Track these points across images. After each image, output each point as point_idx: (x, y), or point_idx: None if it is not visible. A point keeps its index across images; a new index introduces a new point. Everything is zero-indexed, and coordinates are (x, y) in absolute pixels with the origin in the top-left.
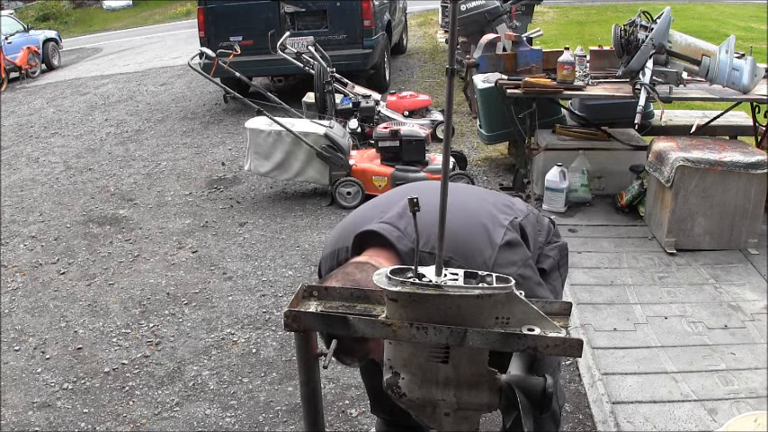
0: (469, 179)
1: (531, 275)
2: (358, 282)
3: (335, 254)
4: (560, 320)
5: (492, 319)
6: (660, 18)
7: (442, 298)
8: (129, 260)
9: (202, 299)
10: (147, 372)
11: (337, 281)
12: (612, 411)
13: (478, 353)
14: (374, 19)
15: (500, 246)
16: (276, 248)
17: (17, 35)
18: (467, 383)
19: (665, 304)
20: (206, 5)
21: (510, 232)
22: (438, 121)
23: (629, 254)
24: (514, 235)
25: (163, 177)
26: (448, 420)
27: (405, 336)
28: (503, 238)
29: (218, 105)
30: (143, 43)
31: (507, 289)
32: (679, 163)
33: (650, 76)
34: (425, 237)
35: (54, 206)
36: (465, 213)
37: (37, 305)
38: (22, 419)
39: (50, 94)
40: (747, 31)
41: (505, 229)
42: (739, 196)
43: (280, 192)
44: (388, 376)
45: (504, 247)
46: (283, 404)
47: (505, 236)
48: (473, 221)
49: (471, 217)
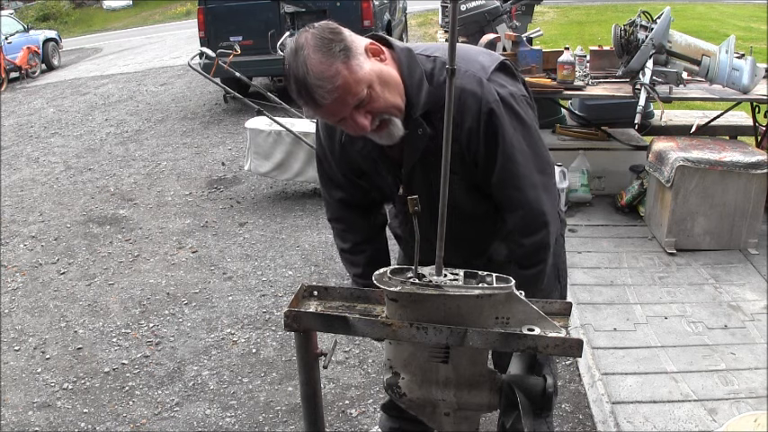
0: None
1: (530, 111)
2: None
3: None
4: (560, 320)
5: (492, 319)
6: (660, 18)
7: (442, 298)
8: (129, 260)
9: (202, 299)
10: (147, 372)
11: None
12: (612, 411)
13: (478, 353)
14: (374, 19)
15: (501, 62)
16: (276, 248)
17: (17, 35)
18: (467, 383)
19: (665, 304)
20: (206, 5)
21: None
22: None
23: (629, 254)
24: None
25: (163, 177)
26: (448, 420)
27: (405, 336)
28: (501, 61)
29: (218, 105)
30: (143, 43)
31: (507, 289)
32: (679, 163)
33: (650, 76)
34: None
35: (54, 206)
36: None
37: (37, 305)
38: (22, 419)
39: (50, 94)
40: (747, 31)
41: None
42: (739, 196)
43: (280, 192)
44: (388, 376)
45: (503, 65)
46: (283, 404)
47: (504, 62)
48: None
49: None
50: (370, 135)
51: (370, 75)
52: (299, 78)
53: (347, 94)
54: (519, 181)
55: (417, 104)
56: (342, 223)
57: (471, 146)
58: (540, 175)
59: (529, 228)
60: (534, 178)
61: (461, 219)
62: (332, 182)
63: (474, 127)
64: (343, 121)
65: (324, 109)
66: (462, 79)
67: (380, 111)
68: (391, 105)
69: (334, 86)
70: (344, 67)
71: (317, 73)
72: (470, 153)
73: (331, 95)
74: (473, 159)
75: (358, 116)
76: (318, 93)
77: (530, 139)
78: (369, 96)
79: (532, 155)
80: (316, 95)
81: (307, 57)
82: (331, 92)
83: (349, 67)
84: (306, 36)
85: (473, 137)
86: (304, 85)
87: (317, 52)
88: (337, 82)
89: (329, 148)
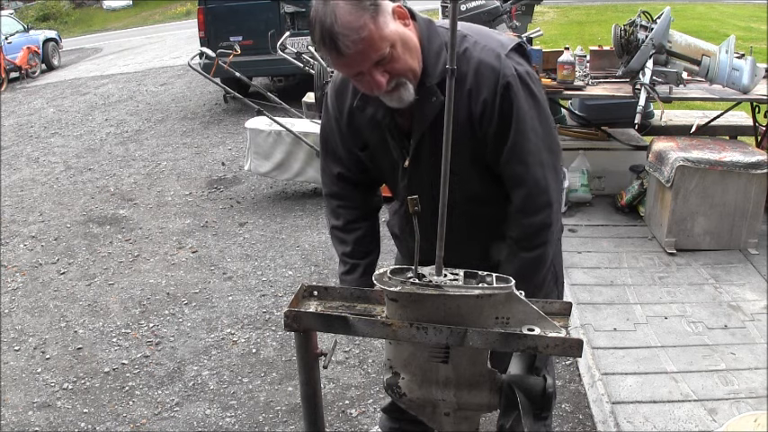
0: None
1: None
2: None
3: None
4: (560, 320)
5: (492, 319)
6: (660, 18)
7: (442, 298)
8: (129, 260)
9: (202, 299)
10: (147, 372)
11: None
12: (612, 411)
13: (478, 353)
14: None
15: (517, 43)
16: (276, 248)
17: (17, 35)
18: (467, 383)
19: (665, 304)
20: (206, 5)
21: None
22: None
23: (629, 254)
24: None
25: (163, 177)
26: (448, 420)
27: (405, 336)
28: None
29: (218, 105)
30: (143, 43)
31: (507, 289)
32: (679, 163)
33: (650, 76)
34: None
35: (54, 206)
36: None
37: (37, 305)
38: (22, 419)
39: (50, 94)
40: (747, 31)
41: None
42: (739, 196)
43: (280, 192)
44: (388, 376)
45: (520, 46)
46: (283, 404)
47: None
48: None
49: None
50: (383, 96)
51: (394, 34)
52: (326, 25)
53: (370, 48)
54: (527, 157)
55: (433, 73)
56: (338, 199)
57: (484, 119)
58: (548, 154)
59: (532, 206)
60: (543, 156)
61: (472, 202)
62: (333, 155)
63: (489, 99)
64: (359, 76)
65: (345, 59)
66: (480, 53)
67: (398, 72)
68: (409, 69)
69: (360, 38)
70: (372, 21)
71: (344, 22)
72: (482, 127)
73: (355, 46)
74: (483, 133)
75: (376, 73)
76: (343, 42)
77: (542, 117)
78: (390, 56)
79: (543, 133)
80: (340, 44)
81: (336, 5)
82: (356, 42)
83: (376, 23)
84: None
85: (487, 109)
86: (330, 32)
87: (347, 2)
88: (363, 34)
89: (336, 116)
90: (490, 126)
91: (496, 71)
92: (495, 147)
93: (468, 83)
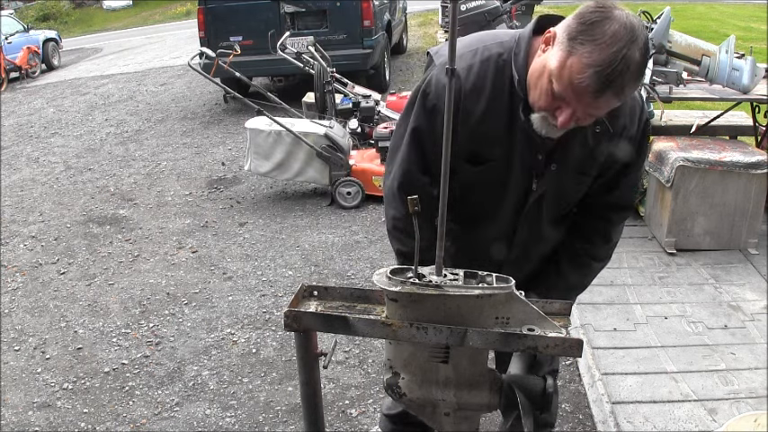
0: None
1: None
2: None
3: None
4: (560, 320)
5: (492, 319)
6: (660, 18)
7: (442, 298)
8: (129, 260)
9: (202, 299)
10: (147, 372)
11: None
12: (612, 411)
13: (478, 353)
14: (374, 19)
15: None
16: (276, 248)
17: (17, 35)
18: (467, 383)
19: (665, 304)
20: (206, 5)
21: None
22: None
23: (629, 254)
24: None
25: (163, 177)
26: (448, 420)
27: (405, 336)
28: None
29: (218, 105)
30: (143, 43)
31: (507, 289)
32: (679, 163)
33: (650, 76)
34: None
35: (54, 206)
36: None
37: (37, 305)
38: (22, 419)
39: (50, 94)
40: (747, 31)
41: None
42: (739, 196)
43: (280, 192)
44: (388, 376)
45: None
46: (283, 404)
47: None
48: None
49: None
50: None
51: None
52: (619, 68)
53: (614, 105)
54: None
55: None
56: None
57: (624, 152)
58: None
59: (622, 225)
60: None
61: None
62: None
63: (634, 135)
64: (559, 104)
65: (597, 102)
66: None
67: (589, 123)
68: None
69: (623, 100)
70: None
71: (631, 80)
72: (616, 159)
73: (616, 100)
74: (614, 164)
75: (577, 120)
76: (619, 90)
77: None
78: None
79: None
80: (615, 90)
81: (633, 58)
82: (619, 99)
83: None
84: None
85: (633, 143)
86: (620, 76)
87: (640, 61)
88: (626, 97)
89: (459, 117)
90: (625, 158)
91: (641, 106)
92: (616, 175)
93: (622, 118)
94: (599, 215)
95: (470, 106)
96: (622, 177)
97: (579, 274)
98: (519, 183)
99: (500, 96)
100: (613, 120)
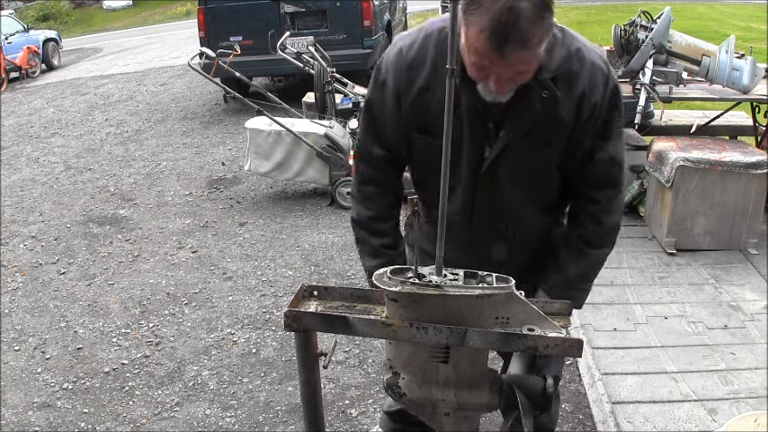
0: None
1: None
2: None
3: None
4: (560, 320)
5: (492, 319)
6: (660, 18)
7: (441, 298)
8: (129, 260)
9: (202, 299)
10: (147, 372)
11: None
12: (612, 411)
13: (478, 353)
14: (374, 19)
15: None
16: (276, 248)
17: (17, 35)
18: (467, 383)
19: (665, 304)
20: (206, 5)
21: None
22: None
23: (629, 254)
24: None
25: (163, 177)
26: (448, 420)
27: (405, 336)
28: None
29: (218, 105)
30: (143, 43)
31: (507, 289)
32: (679, 163)
33: (650, 76)
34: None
35: (54, 206)
36: None
37: (37, 305)
38: (22, 419)
39: (50, 94)
40: (747, 31)
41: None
42: (739, 196)
43: (280, 192)
44: (388, 376)
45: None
46: (283, 404)
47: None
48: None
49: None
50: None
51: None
52: (507, 19)
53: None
54: (620, 159)
55: (548, 67)
56: (375, 185)
57: (590, 123)
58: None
59: (615, 206)
60: (623, 160)
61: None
62: (379, 136)
63: (599, 104)
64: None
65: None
66: (591, 54)
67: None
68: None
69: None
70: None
71: (527, 27)
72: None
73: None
74: (582, 136)
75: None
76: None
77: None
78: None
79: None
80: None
81: (521, 7)
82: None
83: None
84: None
85: (596, 113)
86: (514, 26)
87: (533, 8)
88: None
89: (398, 94)
90: (594, 129)
91: (605, 74)
92: (589, 149)
93: (581, 85)
94: (585, 196)
95: (413, 76)
96: (596, 151)
97: (576, 264)
98: (471, 151)
99: (442, 68)
100: (567, 85)
